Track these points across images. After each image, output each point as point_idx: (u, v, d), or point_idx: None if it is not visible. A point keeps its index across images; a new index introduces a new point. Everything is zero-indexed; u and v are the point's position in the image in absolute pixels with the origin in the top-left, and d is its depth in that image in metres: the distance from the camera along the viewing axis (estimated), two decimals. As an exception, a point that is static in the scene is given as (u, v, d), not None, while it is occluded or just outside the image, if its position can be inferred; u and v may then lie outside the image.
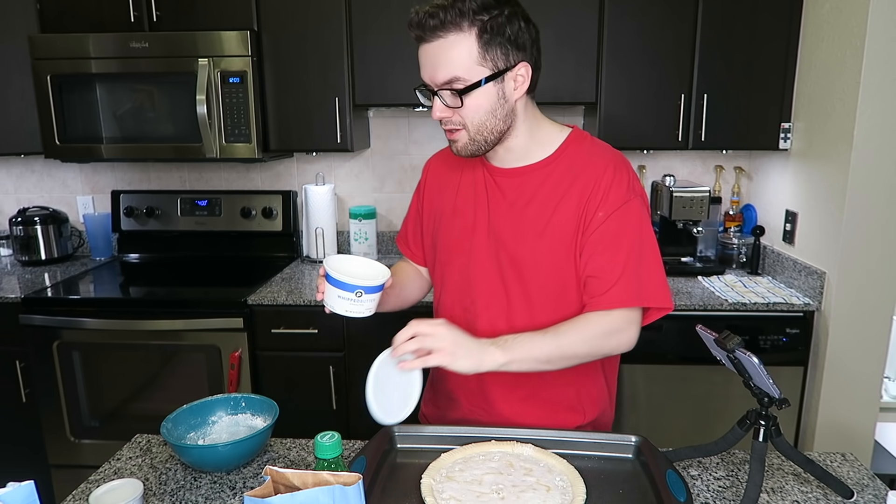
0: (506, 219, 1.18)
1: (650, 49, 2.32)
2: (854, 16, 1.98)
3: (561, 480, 1.02)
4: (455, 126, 1.11)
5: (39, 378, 2.31)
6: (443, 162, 1.32)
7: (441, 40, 1.04)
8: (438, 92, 1.08)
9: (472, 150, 1.14)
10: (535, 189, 1.17)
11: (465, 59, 1.04)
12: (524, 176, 1.18)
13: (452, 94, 1.07)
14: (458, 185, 1.26)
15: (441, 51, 1.05)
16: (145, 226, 2.81)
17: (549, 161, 1.17)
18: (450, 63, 1.05)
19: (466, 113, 1.09)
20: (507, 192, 1.19)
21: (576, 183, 1.14)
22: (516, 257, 1.17)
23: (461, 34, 1.03)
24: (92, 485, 1.11)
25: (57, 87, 2.37)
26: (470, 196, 1.23)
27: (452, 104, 1.08)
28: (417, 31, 1.07)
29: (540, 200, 1.16)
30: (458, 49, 1.04)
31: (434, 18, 1.03)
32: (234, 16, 2.36)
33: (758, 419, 1.04)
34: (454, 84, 1.06)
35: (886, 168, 1.99)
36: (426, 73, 1.09)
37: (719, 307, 2.17)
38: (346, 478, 0.83)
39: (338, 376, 2.29)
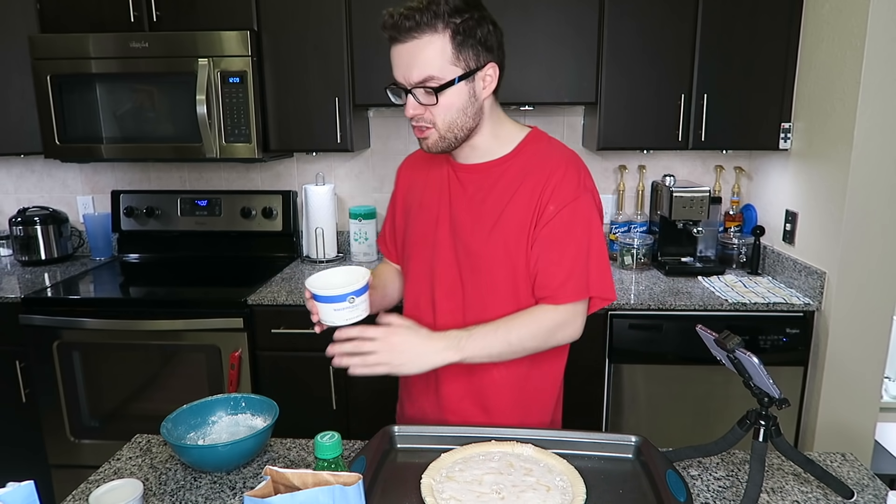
0: (465, 212, 1.23)
1: (650, 49, 2.32)
2: (854, 16, 1.98)
3: (561, 480, 1.02)
4: (426, 124, 1.15)
5: (39, 378, 2.31)
6: (414, 163, 1.38)
7: (416, 41, 1.08)
8: (412, 90, 1.11)
9: (443, 146, 1.18)
10: (492, 184, 1.22)
11: (438, 59, 1.09)
12: (483, 171, 1.23)
13: (426, 93, 1.11)
14: (425, 182, 1.30)
15: (416, 50, 1.09)
16: (145, 226, 2.81)
17: (507, 158, 1.23)
18: (425, 62, 1.09)
19: (438, 111, 1.13)
20: (468, 187, 1.24)
21: (528, 179, 1.19)
22: (472, 250, 1.22)
23: (435, 35, 1.08)
24: (92, 485, 1.11)
25: (57, 87, 2.37)
26: (435, 191, 1.28)
27: (426, 102, 1.12)
28: (392, 31, 1.10)
29: (496, 195, 1.21)
30: (433, 49, 1.08)
31: (409, 20, 1.07)
32: (234, 16, 2.36)
33: (758, 419, 1.04)
34: (428, 83, 1.10)
35: (886, 168, 1.99)
36: (400, 72, 1.12)
37: (719, 307, 2.17)
38: (346, 478, 0.83)
39: (338, 376, 2.29)
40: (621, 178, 2.79)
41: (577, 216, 1.17)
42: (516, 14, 2.32)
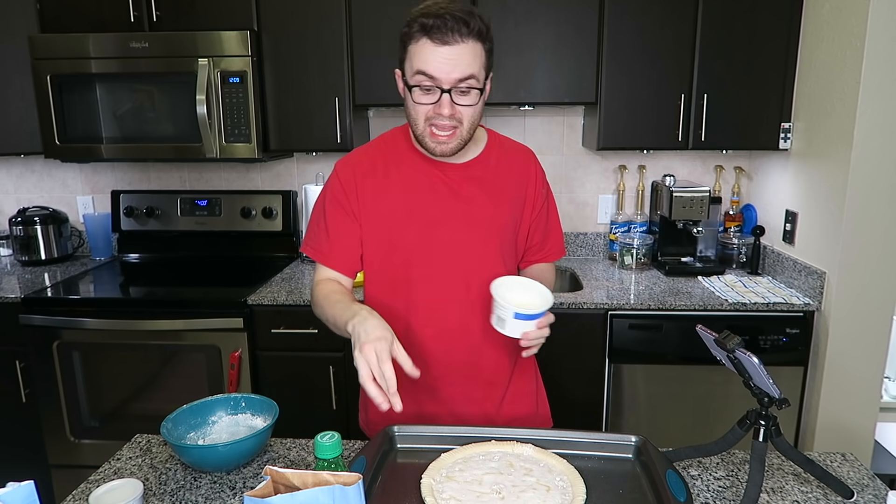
0: (467, 210, 1.29)
1: (650, 49, 2.32)
2: (854, 16, 1.98)
3: (561, 480, 1.02)
4: (454, 123, 1.19)
5: (39, 378, 2.32)
6: (361, 166, 1.32)
7: (464, 45, 1.15)
8: (452, 89, 1.16)
9: (458, 148, 1.24)
10: (483, 179, 1.31)
11: (477, 63, 1.17)
12: (472, 169, 1.31)
13: (461, 93, 1.17)
14: (405, 185, 1.29)
15: (463, 52, 1.15)
16: (145, 226, 2.81)
17: (484, 156, 1.33)
18: (469, 64, 1.16)
19: (468, 111, 1.19)
20: (462, 186, 1.29)
21: (519, 172, 1.36)
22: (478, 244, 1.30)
23: (478, 43, 1.16)
24: (92, 485, 1.11)
25: (57, 87, 2.37)
26: (424, 194, 1.28)
27: (468, 102, 1.18)
28: (440, 33, 1.13)
29: (490, 189, 1.31)
30: (475, 54, 1.16)
31: (465, 26, 1.13)
32: (234, 16, 2.36)
33: (758, 419, 1.04)
34: (469, 81, 1.16)
35: (886, 168, 1.99)
36: (440, 70, 1.15)
37: (719, 307, 2.17)
38: (346, 478, 0.83)
39: (338, 376, 2.29)
40: (621, 178, 2.79)
41: (550, 195, 1.44)
42: (517, 14, 2.32)
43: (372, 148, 1.36)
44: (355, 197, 1.30)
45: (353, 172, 1.32)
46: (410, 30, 1.16)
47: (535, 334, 1.16)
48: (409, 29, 1.17)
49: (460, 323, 1.31)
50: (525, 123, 2.77)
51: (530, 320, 1.15)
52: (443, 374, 1.32)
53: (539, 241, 1.42)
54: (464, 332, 1.31)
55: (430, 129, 1.20)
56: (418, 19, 1.15)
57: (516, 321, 1.15)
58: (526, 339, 1.16)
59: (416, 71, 1.16)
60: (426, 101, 1.18)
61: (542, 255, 1.44)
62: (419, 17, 1.15)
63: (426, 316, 1.31)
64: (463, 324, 1.31)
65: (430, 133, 1.20)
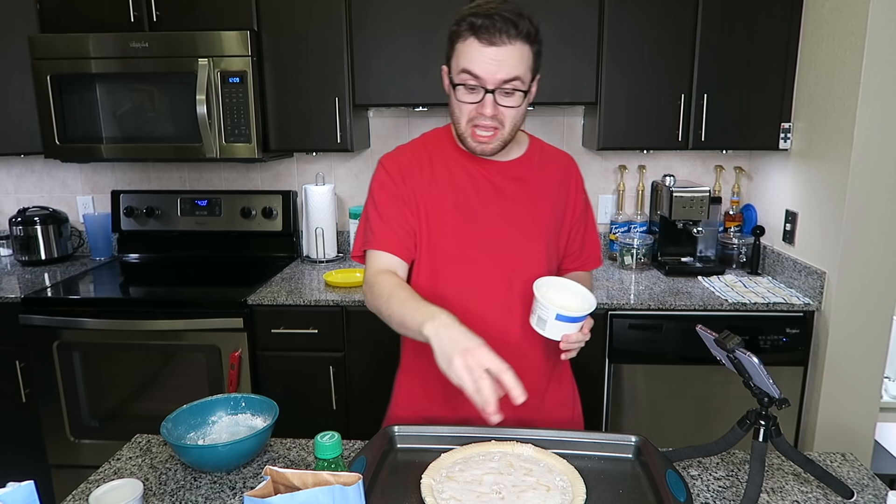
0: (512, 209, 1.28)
1: (650, 49, 2.32)
2: (854, 16, 1.98)
3: (561, 480, 1.02)
4: (495, 124, 1.19)
5: (39, 378, 2.31)
6: (407, 161, 1.30)
7: (512, 46, 1.14)
8: (496, 90, 1.16)
9: (498, 148, 1.24)
10: (528, 180, 1.31)
11: (524, 65, 1.16)
12: (515, 169, 1.31)
13: (505, 94, 1.17)
14: (448, 181, 1.28)
15: (511, 54, 1.14)
16: (145, 226, 2.81)
17: (528, 157, 1.34)
18: (516, 66, 1.15)
19: (510, 113, 1.19)
20: (507, 185, 1.29)
21: (562, 175, 1.36)
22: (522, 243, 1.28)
23: (526, 45, 1.15)
24: (92, 485, 1.11)
25: (57, 87, 2.37)
26: (468, 191, 1.28)
27: (511, 103, 1.18)
28: (486, 34, 1.12)
29: (535, 189, 1.31)
30: (523, 55, 1.15)
31: (514, 28, 1.12)
32: (234, 16, 2.36)
33: (758, 419, 1.04)
34: (514, 83, 1.15)
35: (886, 168, 1.99)
36: (487, 70, 1.14)
37: (719, 307, 2.17)
38: (346, 478, 0.83)
39: (338, 376, 2.29)
40: (621, 178, 2.79)
41: (588, 203, 1.44)
42: (516, 14, 2.32)
43: (415, 145, 1.34)
44: (403, 184, 1.28)
45: (399, 166, 1.29)
46: (459, 28, 1.16)
47: (576, 338, 1.15)
48: (458, 27, 1.16)
49: (500, 322, 1.28)
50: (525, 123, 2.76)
51: (572, 323, 1.14)
52: None
53: (577, 249, 1.41)
54: (504, 333, 1.28)
55: (472, 129, 1.20)
56: (467, 18, 1.14)
57: (557, 323, 1.13)
58: (566, 342, 1.16)
59: (462, 69, 1.16)
60: (469, 101, 1.18)
61: (579, 262, 1.43)
62: (468, 15, 1.14)
63: (465, 314, 1.24)
64: (503, 323, 1.29)
65: (472, 133, 1.21)
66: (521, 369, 1.29)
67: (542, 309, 1.14)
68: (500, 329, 1.28)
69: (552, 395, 1.38)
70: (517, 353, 1.28)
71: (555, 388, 1.38)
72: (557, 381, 1.39)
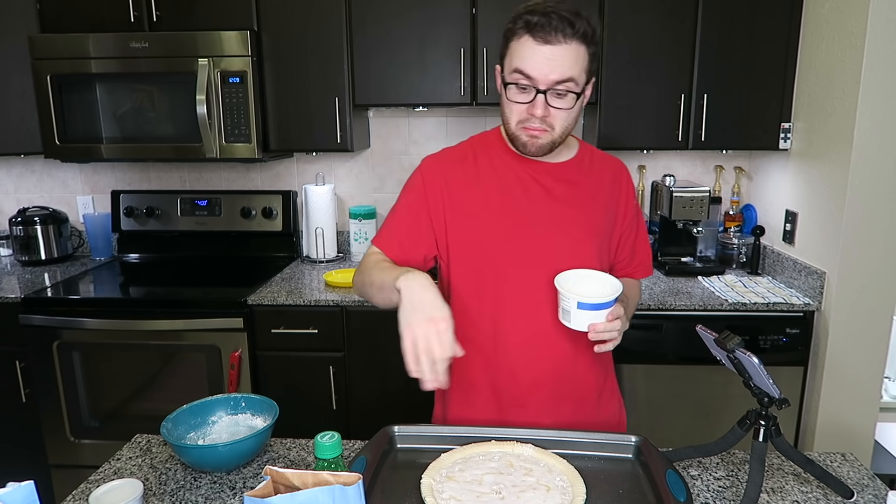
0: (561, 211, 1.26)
1: (650, 49, 2.32)
2: (854, 16, 1.98)
3: (561, 480, 1.02)
4: (545, 126, 1.17)
5: (39, 378, 2.31)
6: (450, 162, 1.30)
7: (567, 46, 1.11)
8: (548, 90, 1.13)
9: (548, 149, 1.21)
10: (578, 182, 1.28)
11: (579, 66, 1.14)
12: (565, 171, 1.28)
13: (557, 95, 1.14)
14: (495, 181, 1.26)
15: (566, 54, 1.12)
16: (145, 226, 2.81)
17: (578, 160, 1.31)
18: (570, 66, 1.13)
19: (561, 115, 1.17)
20: (556, 186, 1.26)
21: (612, 180, 1.33)
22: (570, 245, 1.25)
23: (582, 45, 1.13)
24: (92, 485, 1.11)
25: (57, 87, 2.37)
26: (514, 192, 1.25)
27: (563, 105, 1.15)
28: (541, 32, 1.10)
29: (585, 192, 1.29)
30: (578, 56, 1.13)
31: (571, 27, 1.10)
32: (234, 16, 2.36)
33: (758, 419, 1.04)
34: (567, 84, 1.13)
35: (886, 168, 1.99)
36: (540, 70, 1.12)
37: (719, 307, 2.17)
38: (346, 478, 0.83)
39: (338, 376, 2.29)
40: (621, 178, 2.78)
41: (639, 210, 1.41)
42: (516, 14, 2.32)
43: (462, 146, 1.33)
44: (439, 193, 1.26)
45: (441, 169, 1.28)
46: (514, 26, 1.14)
47: (604, 327, 1.11)
48: (513, 25, 1.14)
49: (549, 327, 1.24)
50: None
51: (596, 310, 1.10)
52: (530, 384, 1.27)
53: (628, 256, 1.38)
54: (553, 338, 1.25)
55: (523, 129, 1.18)
56: (523, 16, 1.12)
57: (581, 312, 1.10)
58: (594, 332, 1.11)
59: (514, 69, 1.14)
60: (521, 100, 1.16)
61: (630, 270, 1.40)
62: (524, 13, 1.12)
63: (514, 318, 1.25)
64: (552, 329, 1.24)
65: (524, 130, 1.18)
66: (571, 380, 1.28)
67: (564, 300, 1.12)
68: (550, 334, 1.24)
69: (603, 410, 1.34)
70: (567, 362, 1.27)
71: (606, 402, 1.35)
72: (609, 396, 1.36)
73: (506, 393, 1.28)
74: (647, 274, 1.43)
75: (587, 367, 1.30)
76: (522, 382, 1.27)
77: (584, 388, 1.31)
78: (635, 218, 1.37)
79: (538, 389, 1.27)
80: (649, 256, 1.42)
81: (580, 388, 1.30)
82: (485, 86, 2.38)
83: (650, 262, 1.43)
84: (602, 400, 1.34)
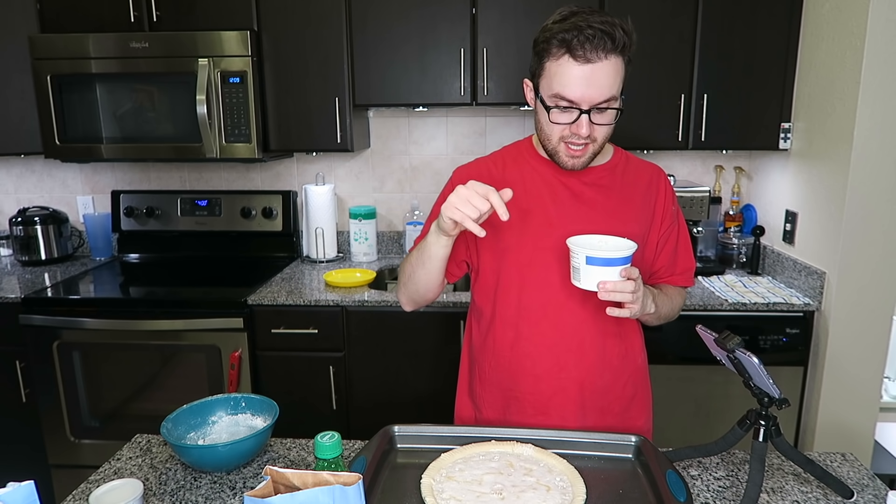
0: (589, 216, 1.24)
1: (650, 49, 2.32)
2: (854, 16, 1.98)
3: (561, 480, 1.02)
4: (587, 141, 1.15)
5: (39, 378, 2.31)
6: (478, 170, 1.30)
7: (606, 62, 1.08)
8: (591, 110, 1.10)
9: (588, 162, 1.20)
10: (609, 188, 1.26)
11: (620, 80, 1.11)
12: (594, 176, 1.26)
13: (600, 111, 1.12)
14: (522, 185, 1.25)
15: (606, 71, 1.08)
16: (145, 226, 2.81)
17: (611, 165, 1.29)
18: (612, 84, 1.10)
19: (603, 130, 1.15)
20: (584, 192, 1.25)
21: (648, 186, 1.30)
22: None
23: (620, 58, 1.10)
24: (92, 485, 1.11)
25: (57, 87, 2.37)
26: (542, 198, 1.24)
27: (605, 121, 1.13)
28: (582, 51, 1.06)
29: (615, 198, 1.26)
30: (617, 71, 1.10)
31: (609, 41, 1.06)
32: (234, 16, 2.36)
33: (758, 419, 1.04)
34: (611, 103, 1.11)
35: (886, 168, 1.99)
36: (584, 93, 1.09)
37: (719, 307, 2.17)
38: (346, 478, 0.83)
39: (338, 376, 2.29)
40: (621, 178, 2.78)
41: (680, 216, 1.36)
42: (517, 13, 2.32)
43: (494, 155, 1.33)
44: None
45: (468, 174, 1.27)
46: (549, 45, 1.09)
47: (614, 286, 1.05)
48: (548, 44, 1.09)
49: (574, 334, 1.23)
50: (525, 124, 2.77)
51: (606, 266, 1.04)
52: (554, 392, 1.26)
53: (667, 263, 1.33)
54: (577, 346, 1.24)
55: (565, 145, 1.16)
56: (558, 34, 1.07)
57: (590, 268, 1.04)
58: (604, 291, 1.05)
59: (555, 93, 1.11)
60: (563, 121, 1.13)
61: (671, 278, 1.35)
62: (559, 31, 1.07)
63: (537, 323, 1.24)
64: (576, 336, 1.23)
65: (566, 147, 1.16)
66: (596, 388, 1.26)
67: (574, 257, 1.07)
68: (574, 341, 1.24)
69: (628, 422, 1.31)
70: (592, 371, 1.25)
71: (635, 414, 1.33)
72: (639, 409, 1.33)
73: (528, 399, 1.27)
74: (687, 282, 1.37)
75: (613, 374, 1.27)
76: (545, 390, 1.26)
77: (610, 396, 1.28)
78: (674, 225, 1.32)
79: (562, 397, 1.26)
80: (691, 265, 1.36)
81: (605, 396, 1.28)
82: (485, 86, 2.38)
83: (691, 272, 1.37)
84: (630, 413, 1.32)
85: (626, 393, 1.31)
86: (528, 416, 1.28)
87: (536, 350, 1.25)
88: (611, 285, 1.05)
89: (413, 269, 1.24)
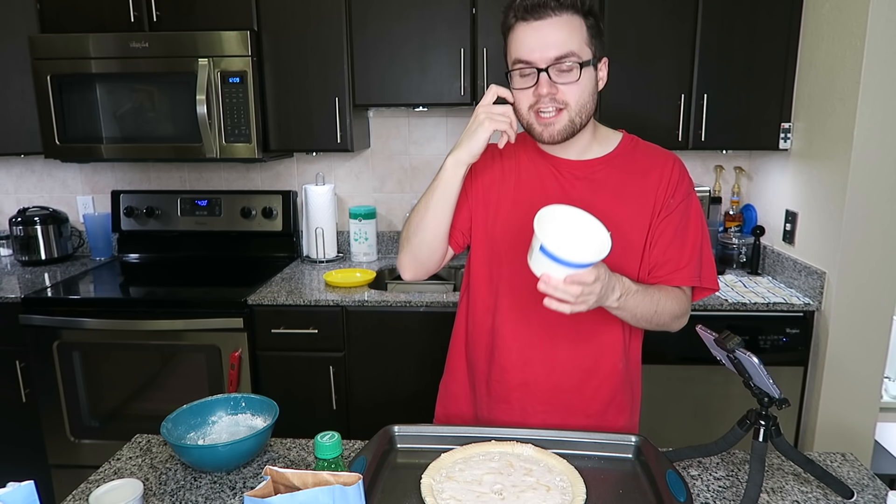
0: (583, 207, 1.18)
1: (650, 49, 2.32)
2: (854, 16, 1.98)
3: (561, 480, 1.02)
4: (558, 105, 1.12)
5: (39, 378, 2.31)
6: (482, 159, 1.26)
7: (557, 18, 1.08)
8: (547, 69, 1.10)
9: (568, 132, 1.15)
10: (605, 179, 1.22)
11: (577, 37, 1.10)
12: (592, 168, 1.22)
13: (561, 71, 1.10)
14: (512, 176, 1.25)
15: (558, 27, 1.09)
16: (145, 226, 2.81)
17: (612, 156, 1.23)
18: (567, 39, 1.09)
19: (573, 90, 1.11)
20: (579, 182, 1.22)
21: (647, 176, 1.21)
22: None
23: (575, 15, 1.10)
24: (92, 485, 1.11)
25: (57, 87, 2.37)
26: (537, 187, 1.23)
27: (563, 80, 1.10)
28: (529, 11, 1.08)
29: (611, 192, 1.21)
30: (573, 27, 1.09)
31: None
32: (234, 16, 2.36)
33: (758, 419, 1.04)
34: (568, 58, 1.09)
35: (886, 168, 1.99)
36: (534, 50, 1.09)
37: (719, 307, 2.17)
38: (346, 478, 0.83)
39: (338, 376, 2.29)
40: (621, 178, 2.78)
41: (691, 209, 1.23)
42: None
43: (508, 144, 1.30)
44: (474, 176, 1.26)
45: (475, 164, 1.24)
46: (507, 19, 1.12)
47: (556, 284, 0.97)
48: (506, 18, 1.12)
49: (544, 331, 1.22)
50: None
51: (556, 264, 0.95)
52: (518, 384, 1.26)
53: (657, 261, 1.21)
54: (546, 343, 1.23)
55: (536, 114, 1.13)
56: (510, 9, 1.11)
57: (541, 256, 0.96)
58: (544, 284, 0.98)
59: (514, 59, 1.12)
60: (525, 85, 1.11)
61: (661, 276, 1.22)
62: (511, 5, 1.11)
63: (509, 314, 1.24)
64: (547, 333, 1.22)
65: (537, 116, 1.13)
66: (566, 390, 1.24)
67: (535, 237, 0.98)
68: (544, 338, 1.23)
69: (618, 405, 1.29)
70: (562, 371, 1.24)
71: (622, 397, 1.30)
72: (624, 391, 1.30)
73: (495, 388, 1.29)
74: (686, 282, 1.22)
75: (583, 377, 1.25)
76: (511, 381, 1.26)
77: (583, 398, 1.26)
78: (671, 217, 1.20)
79: (526, 390, 1.26)
80: (690, 262, 1.21)
81: (577, 399, 1.26)
82: (485, 86, 2.38)
83: (693, 270, 1.22)
84: (607, 416, 1.29)
85: (601, 396, 1.27)
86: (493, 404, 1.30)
87: (504, 342, 1.26)
88: (553, 282, 0.97)
89: (421, 217, 1.20)
